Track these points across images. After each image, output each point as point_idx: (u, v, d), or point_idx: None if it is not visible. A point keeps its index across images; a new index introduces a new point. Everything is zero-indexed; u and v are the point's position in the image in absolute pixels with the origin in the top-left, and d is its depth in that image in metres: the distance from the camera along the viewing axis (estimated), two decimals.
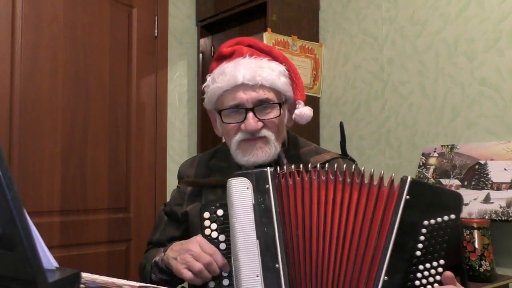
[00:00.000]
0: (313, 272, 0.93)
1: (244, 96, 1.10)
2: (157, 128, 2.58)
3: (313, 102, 2.49)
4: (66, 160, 2.18)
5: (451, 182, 1.85)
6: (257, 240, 0.92)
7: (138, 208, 2.46)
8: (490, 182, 1.74)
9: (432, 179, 1.92)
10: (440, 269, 0.88)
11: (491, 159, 1.78)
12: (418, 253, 0.88)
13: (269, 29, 2.31)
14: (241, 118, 1.10)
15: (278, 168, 0.99)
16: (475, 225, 1.62)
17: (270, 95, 1.11)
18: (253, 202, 0.95)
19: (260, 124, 1.10)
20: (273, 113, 1.12)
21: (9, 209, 0.48)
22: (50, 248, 0.59)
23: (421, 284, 0.88)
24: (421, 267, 0.88)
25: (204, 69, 2.79)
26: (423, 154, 2.03)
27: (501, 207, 1.67)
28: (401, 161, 2.16)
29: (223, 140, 1.24)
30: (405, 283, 0.87)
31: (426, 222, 0.88)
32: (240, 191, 0.96)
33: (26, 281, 0.51)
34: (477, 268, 1.60)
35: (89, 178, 2.26)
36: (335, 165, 0.97)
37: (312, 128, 2.47)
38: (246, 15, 2.55)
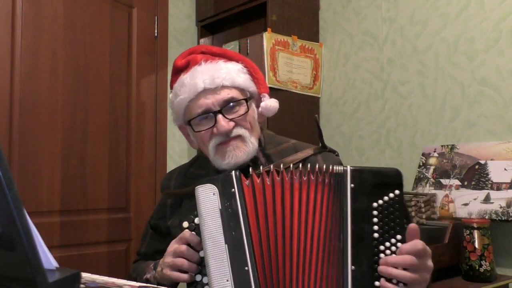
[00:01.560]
0: (280, 272, 0.92)
1: (209, 101, 1.09)
2: (157, 128, 2.58)
3: (313, 102, 2.49)
4: (66, 160, 2.18)
5: (451, 182, 1.85)
6: (226, 245, 0.92)
7: (138, 208, 2.46)
8: (490, 182, 1.74)
9: (432, 179, 1.92)
10: (399, 244, 0.90)
11: (491, 159, 1.78)
12: (376, 235, 0.90)
13: (269, 29, 2.31)
14: (212, 123, 1.10)
15: (250, 169, 0.99)
16: (475, 225, 1.62)
17: (234, 93, 1.11)
18: (220, 207, 0.94)
19: (232, 124, 1.09)
20: (241, 110, 1.11)
21: (9, 209, 0.48)
22: (50, 248, 0.59)
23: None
24: (382, 247, 0.90)
25: None
26: (423, 154, 2.03)
27: (501, 207, 1.67)
28: (401, 161, 2.16)
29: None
30: (372, 267, 0.90)
31: (375, 204, 0.91)
32: (207, 197, 0.96)
33: (26, 281, 0.51)
34: (477, 268, 1.60)
35: (89, 178, 2.26)
36: (308, 165, 0.97)
37: (312, 128, 2.46)
38: (246, 15, 2.55)
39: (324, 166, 0.95)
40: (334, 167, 0.95)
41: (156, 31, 2.61)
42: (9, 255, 0.51)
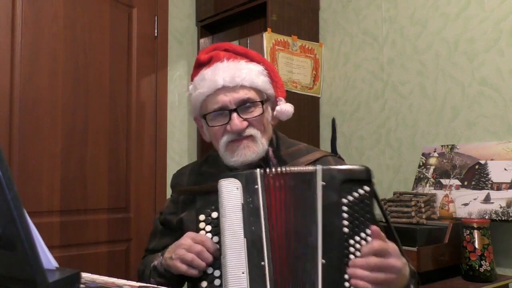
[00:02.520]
0: (292, 269, 0.96)
1: (226, 98, 1.12)
2: (157, 128, 2.58)
3: (313, 102, 2.49)
4: (66, 160, 2.18)
5: (451, 182, 1.85)
6: (245, 239, 0.96)
7: (138, 208, 2.46)
8: (490, 182, 1.74)
9: (432, 179, 1.92)
10: (369, 238, 0.92)
11: (491, 159, 1.78)
12: (346, 230, 0.93)
13: (269, 29, 2.31)
14: (226, 120, 1.12)
15: (267, 170, 1.02)
16: (475, 225, 1.62)
17: (251, 94, 1.14)
18: (242, 201, 0.98)
19: (245, 123, 1.12)
20: (256, 111, 1.14)
21: (9, 209, 0.48)
22: (50, 248, 0.59)
23: (356, 258, 0.93)
24: (351, 241, 0.93)
25: None
26: (423, 154, 2.03)
27: (501, 207, 1.67)
28: (401, 161, 2.16)
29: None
30: (341, 260, 0.92)
31: (345, 200, 0.95)
32: (230, 191, 0.99)
33: (26, 281, 0.51)
34: (477, 268, 1.60)
35: (89, 178, 2.26)
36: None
37: (312, 128, 2.47)
38: (246, 15, 2.55)
39: (295, 168, 1.00)
40: (305, 167, 0.99)
41: (156, 31, 2.61)
42: (9, 255, 0.51)
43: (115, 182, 2.36)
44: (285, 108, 1.18)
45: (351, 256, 0.92)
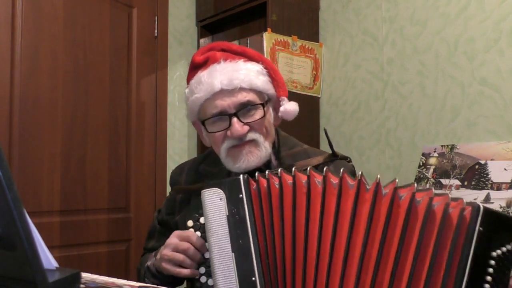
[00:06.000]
0: (289, 284, 0.87)
1: (225, 103, 1.07)
2: (157, 128, 2.58)
3: (313, 102, 2.49)
4: (66, 160, 2.18)
5: (451, 182, 1.85)
6: (233, 253, 0.89)
7: (138, 208, 2.46)
8: (490, 182, 1.74)
9: (432, 179, 1.92)
10: None
11: (491, 159, 1.78)
12: (487, 286, 0.81)
13: (269, 29, 2.31)
14: (226, 125, 1.07)
15: (256, 174, 0.94)
16: None
17: (251, 97, 1.08)
18: (227, 213, 0.90)
19: (246, 128, 1.07)
20: (258, 114, 1.09)
21: (9, 209, 0.48)
22: (50, 248, 0.59)
23: None
24: None
25: None
26: (423, 154, 2.03)
27: (501, 207, 1.67)
28: (401, 161, 2.16)
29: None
30: None
31: (494, 254, 0.82)
32: (213, 202, 0.92)
33: (26, 281, 0.51)
34: None
35: (89, 178, 2.26)
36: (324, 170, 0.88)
37: (312, 128, 2.47)
38: (246, 15, 2.55)
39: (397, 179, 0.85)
40: (463, 200, 0.82)
41: (156, 31, 2.61)
42: (9, 255, 0.51)
43: (115, 182, 2.36)
44: (290, 107, 1.12)
45: None
